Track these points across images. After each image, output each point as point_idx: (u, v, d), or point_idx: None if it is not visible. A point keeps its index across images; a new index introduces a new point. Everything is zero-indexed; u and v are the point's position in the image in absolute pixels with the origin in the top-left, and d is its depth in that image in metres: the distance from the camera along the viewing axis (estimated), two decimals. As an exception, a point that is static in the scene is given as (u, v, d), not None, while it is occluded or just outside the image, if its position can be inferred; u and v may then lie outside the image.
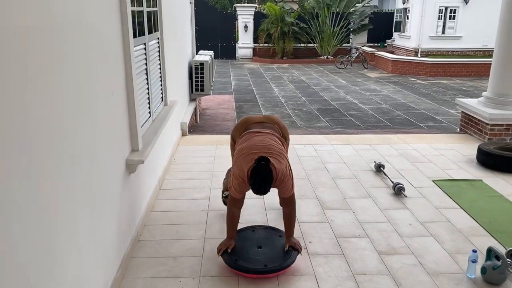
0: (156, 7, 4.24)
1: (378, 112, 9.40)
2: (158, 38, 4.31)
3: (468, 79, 14.46)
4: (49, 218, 1.84)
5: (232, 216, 3.04)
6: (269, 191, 2.78)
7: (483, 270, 2.85)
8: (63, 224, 1.98)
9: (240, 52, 19.71)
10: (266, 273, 2.87)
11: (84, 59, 2.25)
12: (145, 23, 3.72)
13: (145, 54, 3.68)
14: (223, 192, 3.75)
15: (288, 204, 3.03)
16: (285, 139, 3.24)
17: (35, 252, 1.71)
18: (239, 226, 3.20)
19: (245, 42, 19.66)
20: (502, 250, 3.01)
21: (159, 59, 4.35)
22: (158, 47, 4.31)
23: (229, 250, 2.98)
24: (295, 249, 3.00)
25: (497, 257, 2.84)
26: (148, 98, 3.78)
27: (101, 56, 2.53)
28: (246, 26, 19.37)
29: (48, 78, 1.82)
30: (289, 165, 2.98)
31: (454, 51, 18.48)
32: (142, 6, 3.62)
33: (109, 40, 2.69)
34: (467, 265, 2.93)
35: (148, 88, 3.75)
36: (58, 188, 1.92)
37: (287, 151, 3.16)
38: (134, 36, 3.22)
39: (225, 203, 3.38)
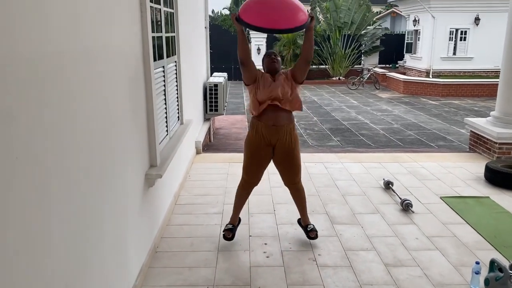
0: (174, 32, 4.51)
1: (389, 132, 9.53)
2: (176, 61, 4.57)
3: (480, 100, 14.52)
4: (81, 225, 2.03)
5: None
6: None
7: (486, 281, 2.95)
8: (91, 232, 2.17)
9: (253, 74, 20.02)
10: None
11: (111, 81, 2.48)
12: (164, 47, 3.97)
13: (164, 76, 3.92)
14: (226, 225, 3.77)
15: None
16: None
17: (70, 258, 1.90)
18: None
19: (258, 64, 19.99)
20: (506, 263, 3.11)
21: (176, 81, 4.60)
22: (175, 69, 4.56)
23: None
24: None
25: (500, 269, 2.94)
26: (166, 117, 4.01)
27: (125, 78, 2.76)
28: (259, 49, 19.80)
29: (80, 99, 2.05)
30: None
31: (465, 72, 18.60)
32: (161, 32, 3.88)
33: (132, 63, 2.93)
34: (470, 277, 3.04)
35: (166, 108, 3.98)
36: (87, 200, 2.12)
37: None
38: (154, 60, 3.47)
39: (224, 237, 3.62)
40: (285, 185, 3.68)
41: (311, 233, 3.63)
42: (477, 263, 3.00)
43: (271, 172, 4.22)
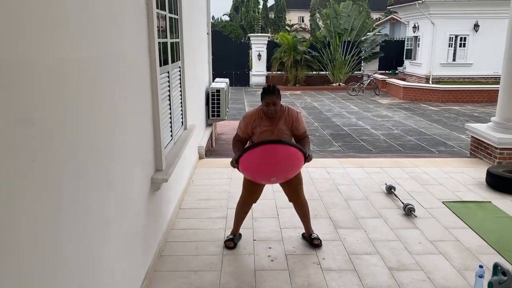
0: (178, 38, 4.56)
1: (389, 137, 9.56)
2: (180, 67, 4.61)
3: (480, 105, 14.58)
4: (90, 229, 2.06)
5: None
6: (277, 91, 3.41)
7: (490, 284, 2.97)
8: (100, 234, 2.20)
9: (253, 80, 20.18)
10: (283, 143, 3.22)
11: (119, 86, 2.52)
12: (169, 53, 4.01)
13: (168, 81, 3.96)
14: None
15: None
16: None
17: (80, 258, 1.93)
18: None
19: (258, 70, 20.15)
20: (509, 267, 3.13)
21: (180, 86, 4.64)
22: (179, 75, 4.60)
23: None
24: None
25: (504, 273, 2.96)
26: (170, 122, 4.04)
27: (132, 83, 2.80)
28: (259, 55, 19.88)
29: (90, 104, 2.08)
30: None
31: (465, 77, 18.68)
32: (166, 38, 3.93)
33: (139, 68, 2.97)
34: (474, 281, 3.06)
35: (170, 113, 4.02)
36: (97, 203, 2.15)
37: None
38: (160, 65, 3.51)
39: (226, 246, 3.67)
40: (289, 201, 3.74)
41: (315, 241, 3.68)
42: (481, 266, 3.01)
43: (275, 177, 4.26)
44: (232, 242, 3.67)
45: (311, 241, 3.68)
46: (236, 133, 3.58)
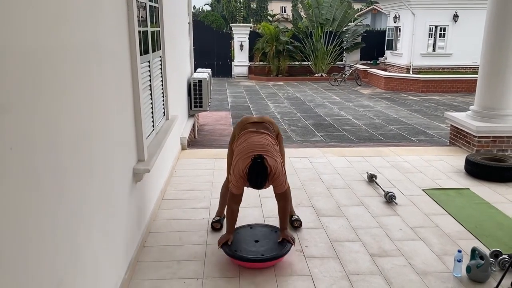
0: (159, 27, 4.50)
1: (371, 127, 9.66)
2: (161, 56, 4.56)
3: (459, 95, 14.83)
4: (71, 220, 2.03)
5: (232, 212, 3.36)
6: (265, 185, 3.12)
7: (468, 268, 3.05)
8: (82, 225, 2.17)
9: (236, 70, 20.10)
10: (263, 261, 3.14)
11: (99, 75, 2.47)
12: (149, 42, 3.96)
13: (149, 71, 3.91)
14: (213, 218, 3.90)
15: (281, 198, 3.34)
16: (277, 137, 3.57)
17: (61, 250, 1.90)
18: (238, 224, 3.50)
19: (240, 60, 20.07)
20: (486, 252, 3.21)
21: (161, 76, 4.59)
22: (160, 64, 4.55)
23: (229, 243, 3.27)
24: (288, 241, 3.28)
25: (481, 257, 3.05)
26: (152, 112, 4.00)
27: (112, 72, 2.75)
28: (241, 45, 19.79)
29: (69, 94, 2.04)
30: (282, 163, 3.31)
31: (445, 68, 18.96)
32: (147, 27, 3.87)
33: (119, 58, 2.92)
34: (453, 265, 3.13)
35: (151, 103, 3.98)
36: (78, 193, 2.12)
37: (281, 148, 3.55)
38: (140, 54, 3.46)
39: (212, 227, 3.77)
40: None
41: (295, 223, 3.77)
42: (459, 251, 3.09)
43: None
44: (219, 223, 3.77)
45: (291, 222, 3.75)
46: (230, 192, 3.32)
